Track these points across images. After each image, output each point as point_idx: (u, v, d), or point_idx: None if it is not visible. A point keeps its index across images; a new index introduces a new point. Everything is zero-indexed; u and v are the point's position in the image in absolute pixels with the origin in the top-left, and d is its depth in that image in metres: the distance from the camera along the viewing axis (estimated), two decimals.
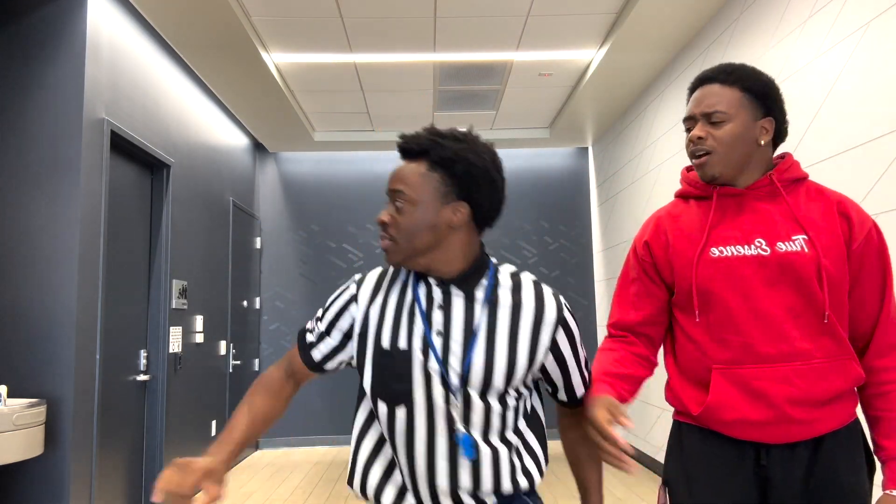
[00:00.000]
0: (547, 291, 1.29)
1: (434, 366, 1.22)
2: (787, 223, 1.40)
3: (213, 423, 5.35)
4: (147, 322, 4.31)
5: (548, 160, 7.29)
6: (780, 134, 1.46)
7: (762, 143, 1.43)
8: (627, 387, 1.44)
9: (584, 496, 1.41)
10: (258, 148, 7.00)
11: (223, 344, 5.64)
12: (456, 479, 1.21)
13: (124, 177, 4.00)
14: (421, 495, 1.24)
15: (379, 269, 1.37)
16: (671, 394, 1.51)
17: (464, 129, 1.29)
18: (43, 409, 2.98)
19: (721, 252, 1.41)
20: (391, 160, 7.22)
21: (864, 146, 2.74)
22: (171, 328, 4.45)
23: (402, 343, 1.24)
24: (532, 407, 1.34)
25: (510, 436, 1.26)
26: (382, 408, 1.25)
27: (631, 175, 5.85)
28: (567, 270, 7.15)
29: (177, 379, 4.56)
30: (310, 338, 1.37)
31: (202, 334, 5.07)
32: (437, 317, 1.24)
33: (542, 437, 1.32)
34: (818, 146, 3.06)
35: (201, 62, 4.78)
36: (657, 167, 5.17)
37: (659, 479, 5.11)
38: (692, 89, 1.50)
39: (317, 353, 1.37)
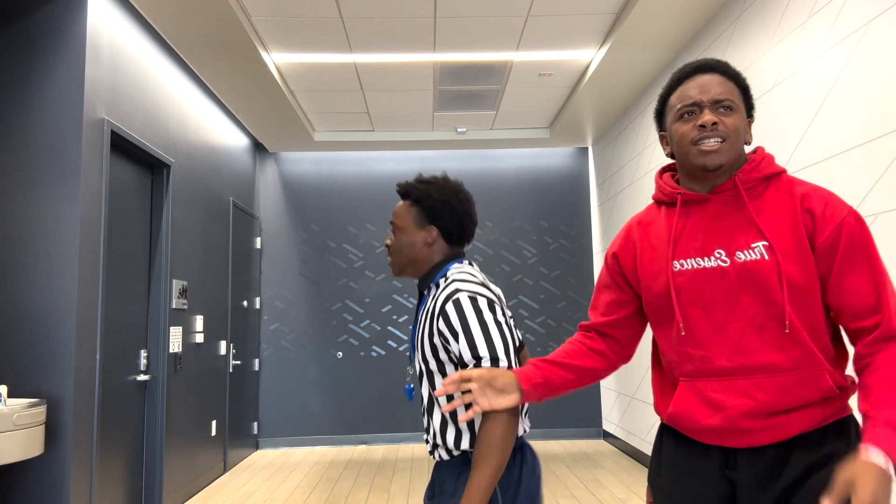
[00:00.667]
0: (452, 288, 1.61)
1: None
2: (747, 230, 1.33)
3: (213, 423, 5.35)
4: (147, 322, 4.31)
5: (548, 160, 7.30)
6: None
7: (748, 139, 1.41)
8: (560, 373, 1.49)
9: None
10: (258, 148, 7.00)
11: (223, 344, 5.64)
12: (431, 421, 1.67)
13: (124, 177, 4.00)
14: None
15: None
16: (654, 397, 1.53)
17: (442, 175, 1.76)
18: (43, 409, 2.98)
19: (682, 265, 1.37)
20: (391, 160, 7.22)
21: (864, 146, 2.74)
22: (171, 328, 4.45)
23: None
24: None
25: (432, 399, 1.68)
26: None
27: (631, 175, 5.85)
28: (567, 270, 7.15)
29: (177, 379, 4.56)
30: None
31: (202, 334, 5.07)
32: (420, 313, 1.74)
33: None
34: (818, 146, 3.06)
35: (201, 62, 4.78)
36: (657, 167, 5.18)
37: None
38: (685, 77, 1.43)
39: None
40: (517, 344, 1.68)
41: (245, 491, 5.03)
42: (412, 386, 1.82)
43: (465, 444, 1.58)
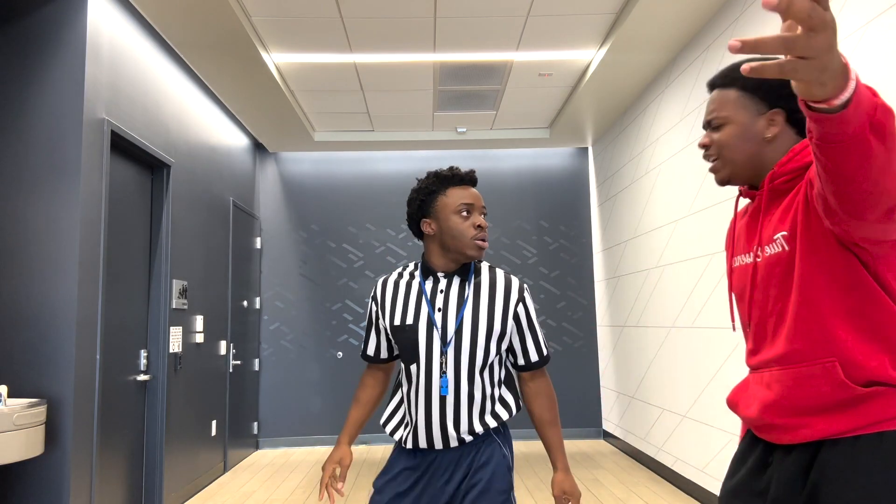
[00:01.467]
0: (514, 278, 1.87)
1: (435, 331, 1.78)
2: (774, 222, 1.32)
3: (213, 423, 5.35)
4: (147, 322, 4.31)
5: (548, 160, 7.29)
6: (795, 120, 1.35)
7: (769, 136, 1.34)
8: None
9: (550, 454, 1.87)
10: (258, 148, 7.00)
11: (223, 344, 5.64)
12: (444, 416, 1.76)
13: (124, 177, 4.00)
14: (419, 433, 1.79)
15: (387, 275, 1.98)
16: None
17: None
18: (43, 409, 2.98)
19: (738, 262, 1.44)
20: (391, 160, 7.22)
21: None
22: (171, 328, 4.45)
23: (410, 320, 1.81)
24: (507, 370, 1.88)
25: (486, 386, 1.80)
26: (404, 367, 1.84)
27: (631, 175, 5.85)
28: (567, 270, 7.15)
29: (177, 379, 4.56)
30: (367, 348, 1.99)
31: (202, 334, 5.07)
32: (439, 298, 1.82)
33: (514, 390, 1.88)
34: None
35: (201, 62, 4.78)
36: (657, 167, 5.17)
37: (659, 479, 5.12)
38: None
39: (371, 351, 1.99)
40: None
41: (245, 491, 5.03)
42: (446, 378, 1.78)
43: (504, 415, 1.83)
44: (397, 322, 1.82)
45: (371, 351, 1.97)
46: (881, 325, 1.20)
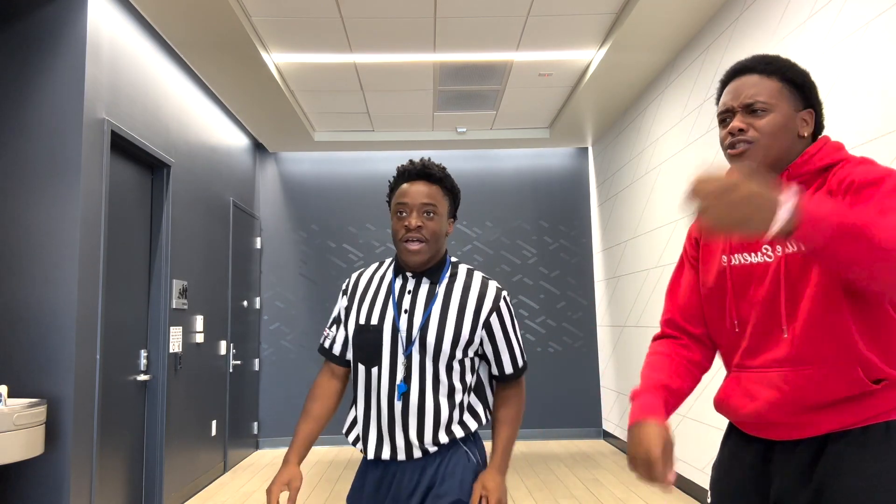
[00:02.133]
0: (492, 284, 1.73)
1: (400, 333, 1.67)
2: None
3: (213, 423, 5.35)
4: (147, 322, 4.31)
5: (548, 160, 7.30)
6: (819, 126, 1.38)
7: (804, 135, 1.35)
8: (674, 402, 1.42)
9: (492, 450, 1.75)
10: (258, 148, 7.00)
11: (223, 344, 5.64)
12: (407, 425, 1.65)
13: (124, 177, 4.00)
14: (382, 442, 1.68)
15: (371, 266, 1.84)
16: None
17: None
18: (43, 409, 2.99)
19: (734, 260, 1.39)
20: (391, 160, 7.21)
21: (864, 146, 2.74)
22: (171, 328, 4.45)
23: (375, 320, 1.70)
24: (478, 377, 1.76)
25: (454, 394, 1.68)
26: (362, 369, 1.71)
27: (631, 175, 5.85)
28: (567, 270, 7.15)
29: (177, 379, 4.56)
30: (326, 341, 1.83)
31: (202, 334, 5.07)
32: (406, 299, 1.70)
33: (484, 399, 1.76)
34: None
35: (201, 62, 4.78)
36: (657, 167, 5.18)
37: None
38: (726, 81, 1.42)
39: (336, 349, 1.82)
40: None
41: (245, 491, 5.03)
42: (404, 385, 1.66)
43: (472, 426, 1.71)
44: (362, 321, 1.72)
45: (337, 349, 1.81)
46: (880, 325, 1.25)
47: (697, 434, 4.43)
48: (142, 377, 4.17)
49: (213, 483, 5.30)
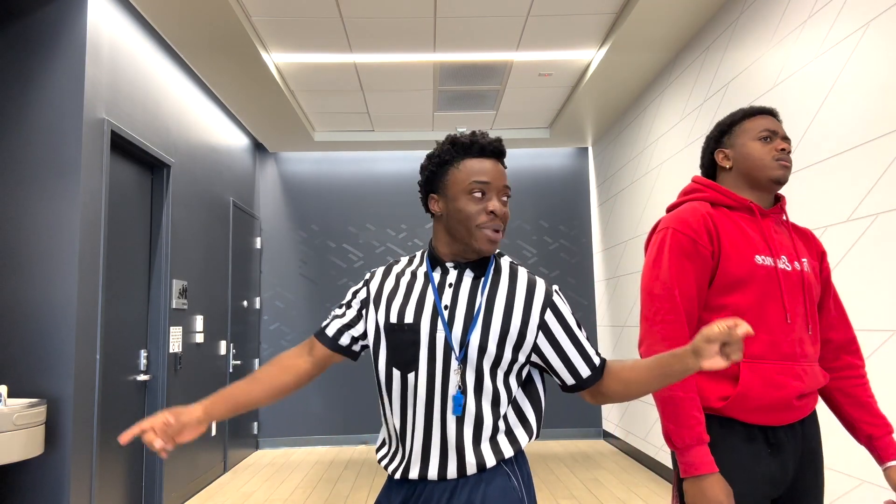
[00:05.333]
0: (540, 279, 1.50)
1: (441, 335, 1.41)
2: (796, 247, 1.71)
3: (213, 423, 5.35)
4: (147, 322, 4.31)
5: (548, 160, 7.29)
6: None
7: None
8: None
9: (670, 359, 1.31)
10: (258, 148, 7.00)
11: (223, 344, 5.64)
12: (446, 439, 1.39)
13: (124, 177, 4.00)
14: (412, 459, 1.42)
15: (392, 261, 1.61)
16: (702, 386, 1.61)
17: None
18: (43, 409, 2.98)
19: (763, 260, 1.63)
20: (391, 160, 7.22)
21: (864, 146, 2.74)
22: (171, 328, 4.45)
23: (409, 318, 1.44)
24: (532, 386, 1.49)
25: (502, 404, 1.42)
26: (397, 375, 1.44)
27: (631, 175, 5.85)
28: (567, 270, 7.15)
29: (177, 379, 4.56)
30: (326, 321, 1.59)
31: (202, 334, 5.07)
32: (447, 294, 1.45)
33: (537, 406, 1.48)
34: (818, 146, 3.06)
35: (201, 62, 4.78)
36: (657, 167, 5.18)
37: (659, 479, 5.11)
38: (760, 112, 1.73)
39: (330, 330, 1.55)
40: None
41: (245, 491, 5.03)
42: (461, 395, 1.40)
43: (523, 440, 1.45)
44: (394, 319, 1.45)
45: (331, 330, 1.55)
46: None
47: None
48: (142, 377, 4.17)
49: (213, 483, 5.30)
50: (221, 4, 3.89)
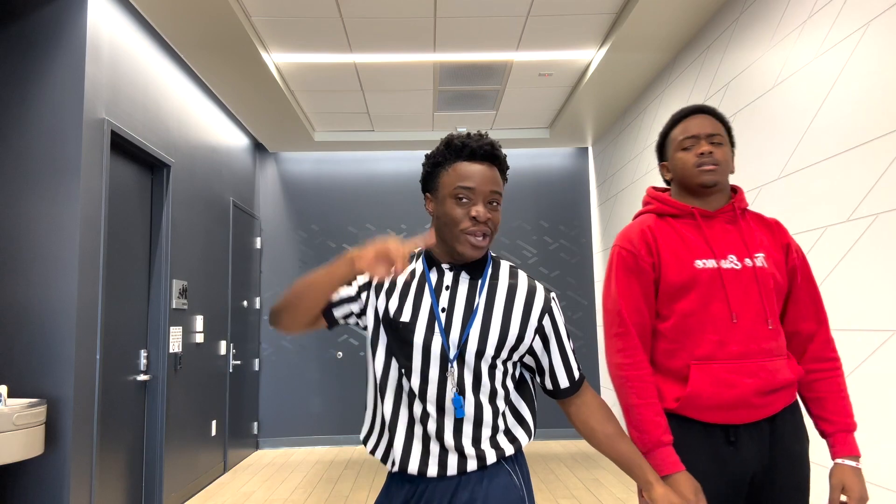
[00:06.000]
0: (539, 285, 1.51)
1: (437, 337, 1.41)
2: (750, 243, 1.70)
3: (213, 423, 5.35)
4: (147, 322, 4.31)
5: (548, 160, 7.29)
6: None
7: (732, 171, 1.76)
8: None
9: (631, 469, 1.47)
10: (258, 148, 7.00)
11: (223, 344, 5.64)
12: (442, 436, 1.39)
13: (124, 177, 4.00)
14: (409, 455, 1.42)
15: None
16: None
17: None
18: (43, 409, 2.98)
19: (704, 264, 1.65)
20: (391, 160, 7.22)
21: (864, 146, 2.74)
22: (171, 328, 4.45)
23: (406, 317, 1.44)
24: (523, 380, 1.52)
25: (499, 402, 1.44)
26: (394, 367, 1.45)
27: (631, 175, 5.85)
28: (567, 270, 7.15)
29: (177, 379, 4.56)
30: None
31: (202, 334, 5.07)
32: (444, 296, 1.45)
33: (531, 406, 1.51)
34: (818, 146, 3.06)
35: (201, 62, 4.78)
36: (657, 167, 5.17)
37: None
38: (684, 116, 1.77)
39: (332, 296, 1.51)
40: None
41: (245, 491, 5.03)
42: (460, 398, 1.40)
43: (522, 438, 1.47)
44: (392, 314, 1.46)
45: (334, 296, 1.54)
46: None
47: None
48: (142, 377, 4.17)
49: (213, 483, 5.30)
50: (221, 4, 3.89)
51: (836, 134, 2.93)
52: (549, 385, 1.50)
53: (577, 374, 1.50)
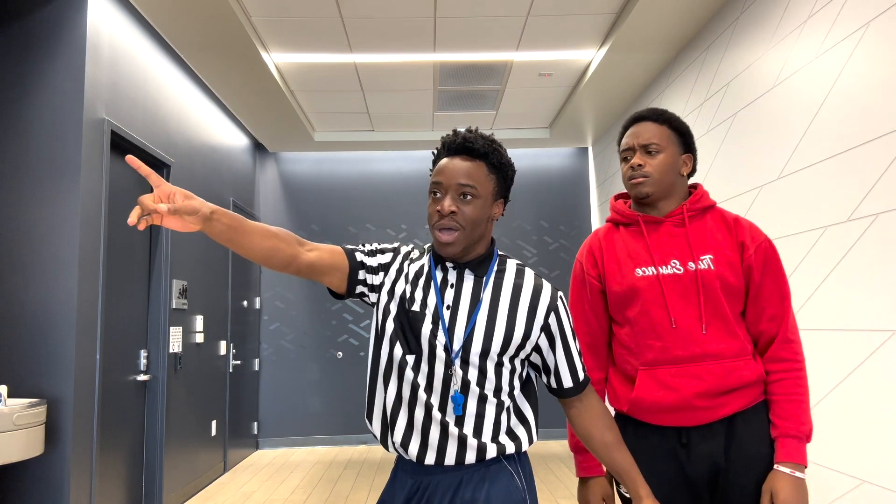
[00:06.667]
0: (547, 283, 1.50)
1: (440, 335, 1.41)
2: (696, 245, 1.68)
3: (213, 423, 5.35)
4: (147, 322, 4.31)
5: (548, 160, 7.29)
6: (694, 169, 1.78)
7: (683, 173, 1.74)
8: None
9: (623, 480, 1.48)
10: (258, 148, 7.00)
11: (223, 344, 5.64)
12: (446, 430, 1.39)
13: (124, 177, 4.00)
14: (410, 439, 1.42)
15: (412, 247, 1.58)
16: (610, 392, 1.78)
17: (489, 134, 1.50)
18: (43, 409, 2.98)
19: (644, 272, 1.68)
20: (391, 160, 7.21)
21: (864, 146, 2.74)
22: (171, 328, 4.45)
23: (416, 307, 1.44)
24: (528, 380, 1.53)
25: (503, 398, 1.44)
26: (398, 352, 1.44)
27: None
28: (567, 270, 7.15)
29: (177, 379, 4.56)
30: (352, 248, 1.53)
31: (202, 334, 5.07)
32: (449, 294, 1.45)
33: (534, 406, 1.51)
34: (818, 146, 3.06)
35: (201, 62, 4.78)
36: None
37: None
38: (627, 126, 1.78)
39: (359, 255, 1.50)
40: None
41: (245, 491, 5.03)
42: (460, 395, 1.40)
43: (524, 438, 1.46)
44: (407, 300, 1.46)
45: (358, 255, 1.50)
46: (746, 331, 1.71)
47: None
48: (142, 377, 4.17)
49: (213, 483, 5.30)
50: (221, 4, 3.89)
51: (836, 134, 2.93)
52: (553, 384, 1.50)
53: (581, 375, 1.50)
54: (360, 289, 1.50)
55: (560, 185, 7.25)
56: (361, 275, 1.49)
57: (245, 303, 6.37)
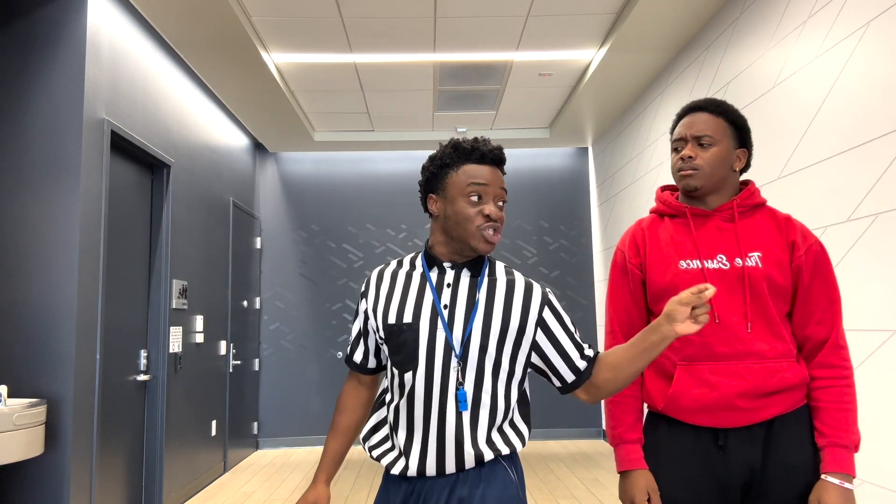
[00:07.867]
0: (535, 283, 1.57)
1: (441, 333, 1.47)
2: (745, 242, 1.64)
3: (213, 423, 5.35)
4: (147, 322, 4.31)
5: (548, 160, 7.29)
6: (748, 165, 1.72)
7: (736, 169, 1.69)
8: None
9: (646, 351, 1.42)
10: (258, 148, 7.00)
11: (223, 344, 5.64)
12: (443, 437, 1.44)
13: (124, 177, 4.00)
14: (410, 456, 1.48)
15: (383, 265, 1.65)
16: (644, 389, 1.73)
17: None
18: (43, 409, 2.98)
19: (688, 265, 1.64)
20: (391, 160, 7.22)
21: (864, 146, 2.74)
22: (171, 328, 4.45)
23: (408, 318, 1.50)
24: (523, 390, 1.56)
25: (499, 401, 1.48)
26: (397, 374, 1.51)
27: (631, 175, 5.85)
28: (567, 270, 7.15)
29: (177, 379, 4.56)
30: (350, 345, 1.68)
31: (202, 334, 5.07)
32: (446, 293, 1.51)
33: (526, 415, 1.55)
34: (818, 146, 3.06)
35: (201, 62, 4.78)
36: (657, 167, 5.18)
37: None
38: (682, 115, 1.73)
39: (357, 357, 1.65)
40: None
41: (245, 491, 5.03)
42: (464, 391, 1.46)
43: (516, 443, 1.51)
44: (392, 320, 1.51)
45: (358, 357, 1.64)
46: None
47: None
48: (142, 377, 4.17)
49: (213, 483, 5.30)
50: (221, 4, 3.89)
51: (836, 134, 2.93)
52: (569, 377, 1.50)
53: (590, 353, 1.52)
54: (381, 344, 1.59)
55: (560, 185, 7.25)
56: (373, 363, 1.65)
57: (245, 303, 6.37)
